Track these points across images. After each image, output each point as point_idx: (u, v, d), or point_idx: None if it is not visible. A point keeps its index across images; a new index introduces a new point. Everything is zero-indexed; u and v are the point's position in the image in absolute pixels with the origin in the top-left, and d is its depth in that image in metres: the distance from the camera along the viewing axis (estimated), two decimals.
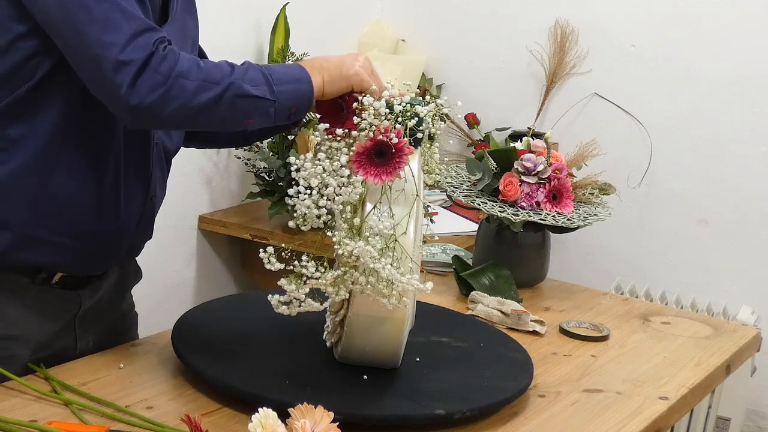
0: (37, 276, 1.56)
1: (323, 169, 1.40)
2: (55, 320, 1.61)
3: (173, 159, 1.73)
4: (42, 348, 1.58)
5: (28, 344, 1.56)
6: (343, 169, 1.40)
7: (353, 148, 1.42)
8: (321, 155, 1.43)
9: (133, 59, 1.37)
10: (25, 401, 1.42)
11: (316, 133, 1.47)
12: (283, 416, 1.23)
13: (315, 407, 1.23)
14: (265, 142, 2.82)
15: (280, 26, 2.82)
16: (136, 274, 1.80)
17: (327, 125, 1.45)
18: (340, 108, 1.47)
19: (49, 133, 1.48)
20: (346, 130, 1.44)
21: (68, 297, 1.61)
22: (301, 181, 1.41)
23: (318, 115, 1.49)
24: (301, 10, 2.94)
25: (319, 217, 1.42)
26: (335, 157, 1.42)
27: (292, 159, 1.44)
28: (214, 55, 1.76)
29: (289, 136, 2.75)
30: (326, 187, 1.40)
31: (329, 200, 1.40)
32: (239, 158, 2.87)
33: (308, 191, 1.41)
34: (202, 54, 1.77)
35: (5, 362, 1.49)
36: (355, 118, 1.43)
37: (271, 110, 1.45)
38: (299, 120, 1.55)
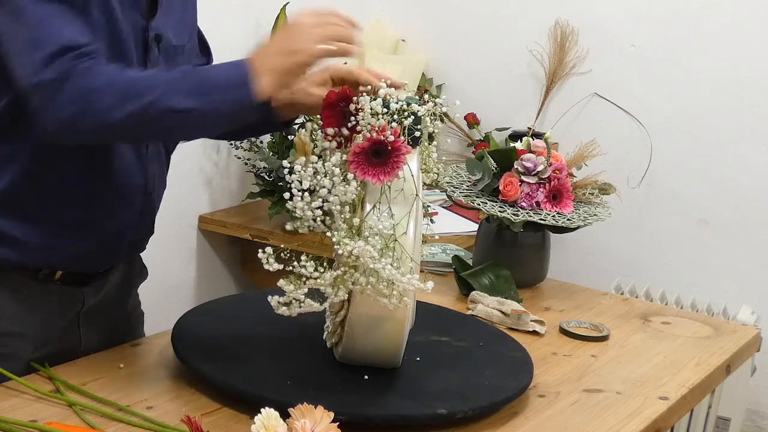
0: (39, 272, 1.56)
1: (315, 170, 1.40)
2: (59, 318, 1.61)
3: (173, 155, 1.72)
4: (44, 345, 1.58)
5: (30, 341, 1.56)
6: (335, 168, 1.39)
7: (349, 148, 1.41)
8: (313, 157, 1.42)
9: (47, 79, 1.34)
10: (25, 401, 1.42)
11: (315, 140, 1.45)
12: (284, 417, 1.23)
13: (315, 407, 1.23)
14: (265, 141, 2.82)
15: (280, 26, 2.82)
16: (142, 273, 1.80)
17: (331, 131, 1.44)
18: (345, 115, 1.46)
19: (40, 144, 1.46)
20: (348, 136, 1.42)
21: (71, 294, 1.61)
22: (295, 183, 1.40)
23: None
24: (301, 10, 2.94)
25: (314, 219, 1.41)
26: (328, 157, 1.41)
27: (285, 162, 1.42)
28: (214, 55, 1.77)
29: (289, 136, 2.75)
30: (321, 188, 1.40)
31: (325, 201, 1.40)
32: (239, 158, 2.88)
33: (301, 193, 1.40)
34: (204, 44, 1.75)
35: (7, 359, 1.49)
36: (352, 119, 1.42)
37: (207, 122, 1.40)
38: (267, 121, 1.50)
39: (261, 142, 2.83)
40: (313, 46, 1.39)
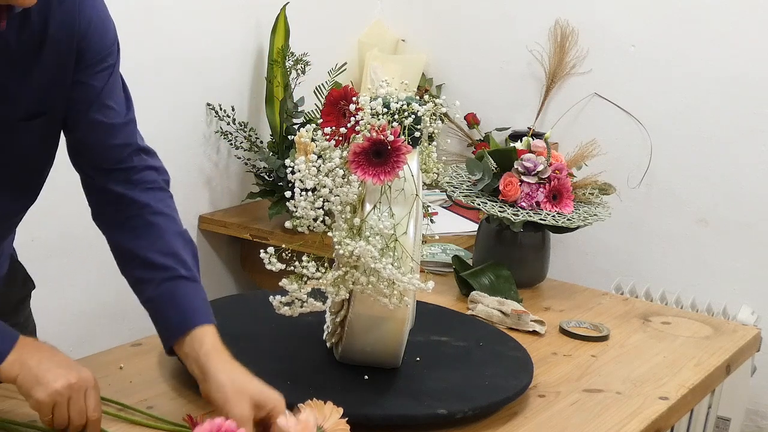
0: None
1: (317, 169, 1.40)
2: None
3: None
4: None
5: None
6: (338, 169, 1.40)
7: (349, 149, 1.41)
8: (312, 156, 1.42)
9: None
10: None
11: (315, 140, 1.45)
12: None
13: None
14: (265, 141, 2.82)
15: (280, 26, 2.82)
16: (24, 286, 1.69)
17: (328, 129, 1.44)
18: (343, 114, 1.46)
19: None
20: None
21: None
22: (297, 183, 1.41)
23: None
24: (301, 10, 2.94)
25: (315, 219, 1.41)
26: (329, 157, 1.41)
27: (288, 161, 1.43)
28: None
29: (288, 136, 2.75)
30: (323, 188, 1.40)
31: (326, 201, 1.40)
32: (239, 158, 2.88)
33: (304, 193, 1.40)
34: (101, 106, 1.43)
35: None
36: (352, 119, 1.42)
37: None
38: None
39: (261, 142, 2.83)
40: (45, 408, 1.28)
